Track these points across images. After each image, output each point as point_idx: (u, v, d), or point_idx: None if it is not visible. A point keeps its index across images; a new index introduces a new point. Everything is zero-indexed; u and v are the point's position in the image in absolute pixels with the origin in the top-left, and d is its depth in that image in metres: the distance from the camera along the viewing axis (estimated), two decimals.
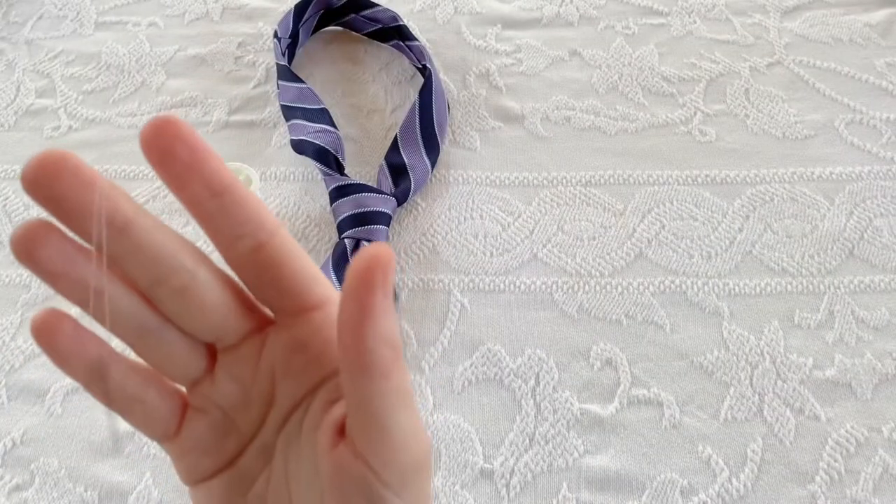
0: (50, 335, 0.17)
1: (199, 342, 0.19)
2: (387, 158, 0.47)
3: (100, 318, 0.18)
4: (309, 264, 0.19)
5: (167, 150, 0.16)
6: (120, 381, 0.19)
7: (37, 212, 0.47)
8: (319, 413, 0.19)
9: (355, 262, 0.15)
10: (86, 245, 0.17)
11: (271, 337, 0.20)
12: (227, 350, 0.20)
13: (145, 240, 0.17)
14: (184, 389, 0.20)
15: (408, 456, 0.17)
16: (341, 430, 0.18)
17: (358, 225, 0.42)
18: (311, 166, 0.48)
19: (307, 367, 0.19)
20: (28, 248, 0.16)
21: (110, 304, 0.17)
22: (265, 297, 0.19)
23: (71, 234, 0.17)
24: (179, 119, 0.16)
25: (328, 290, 0.20)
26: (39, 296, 0.43)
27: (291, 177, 0.48)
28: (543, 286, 0.42)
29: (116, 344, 0.18)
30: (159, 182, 0.48)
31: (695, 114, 0.51)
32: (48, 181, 0.15)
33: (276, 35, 0.53)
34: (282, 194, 0.47)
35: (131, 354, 0.19)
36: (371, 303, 0.15)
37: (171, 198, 0.47)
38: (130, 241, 0.17)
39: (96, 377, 0.18)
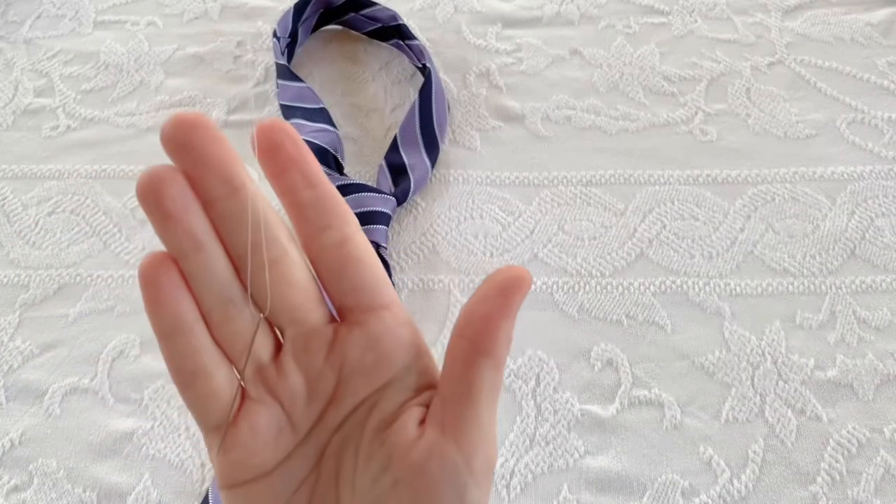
0: (155, 275, 0.18)
1: (270, 327, 0.20)
2: (386, 158, 0.47)
3: (195, 274, 0.18)
4: (380, 265, 0.20)
5: (277, 143, 0.18)
6: (197, 346, 0.18)
7: (35, 211, 0.46)
8: (392, 411, 0.19)
9: (506, 269, 0.18)
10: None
11: (342, 332, 0.20)
12: (297, 339, 0.20)
13: (253, 204, 0.18)
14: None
15: (492, 449, 0.19)
16: (422, 425, 0.19)
17: None
18: None
19: (378, 365, 0.20)
20: (155, 185, 0.17)
21: (207, 262, 0.18)
22: (342, 291, 0.19)
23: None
24: (286, 122, 0.19)
25: (394, 293, 0.20)
26: (38, 296, 0.43)
27: None
28: (544, 286, 0.42)
29: None
30: None
31: (696, 113, 0.50)
32: (184, 131, 0.17)
33: (275, 34, 0.53)
34: None
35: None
36: (514, 304, 0.18)
37: None
38: (240, 203, 0.18)
39: (179, 331, 0.18)
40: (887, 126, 0.49)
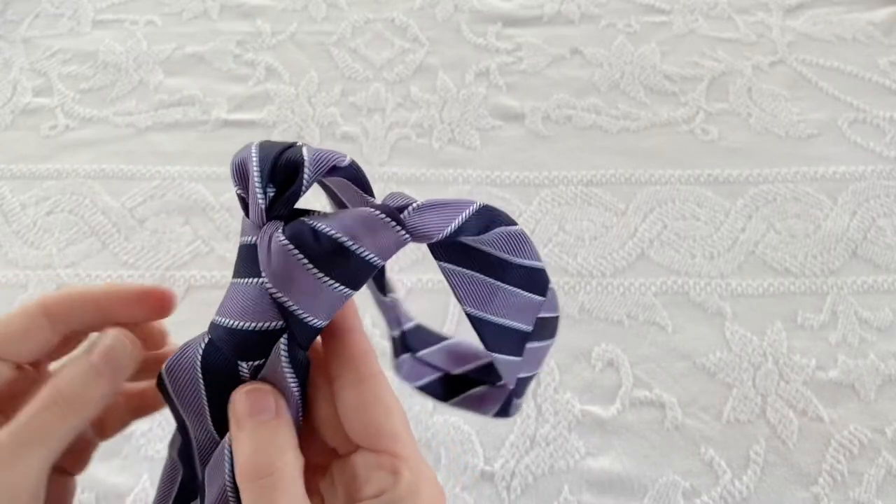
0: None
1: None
2: None
3: None
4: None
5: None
6: None
7: (34, 211, 0.46)
8: None
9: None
10: None
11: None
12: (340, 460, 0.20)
13: None
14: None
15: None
16: None
17: None
18: None
19: None
20: None
21: None
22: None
23: None
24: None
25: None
26: (37, 296, 0.42)
27: None
28: None
29: None
30: (156, 182, 0.48)
31: (697, 112, 0.50)
32: None
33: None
34: None
35: None
36: None
37: (168, 197, 0.46)
38: None
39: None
40: (889, 125, 0.49)
